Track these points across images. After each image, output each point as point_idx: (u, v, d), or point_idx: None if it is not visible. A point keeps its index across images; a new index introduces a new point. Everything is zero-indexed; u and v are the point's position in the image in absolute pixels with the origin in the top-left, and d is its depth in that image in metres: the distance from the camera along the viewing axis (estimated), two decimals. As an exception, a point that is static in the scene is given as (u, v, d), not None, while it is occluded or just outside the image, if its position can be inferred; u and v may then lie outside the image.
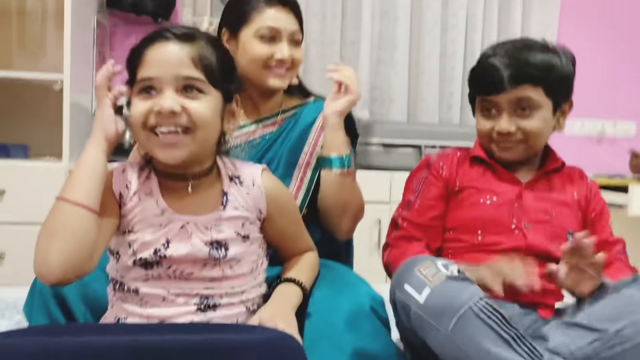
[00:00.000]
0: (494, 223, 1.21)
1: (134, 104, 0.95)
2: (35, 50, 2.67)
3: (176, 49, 0.94)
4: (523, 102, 1.20)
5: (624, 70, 3.15)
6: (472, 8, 2.93)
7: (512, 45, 1.25)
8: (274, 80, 1.33)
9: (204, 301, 0.97)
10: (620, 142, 3.13)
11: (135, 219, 0.98)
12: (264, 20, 1.32)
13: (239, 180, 1.04)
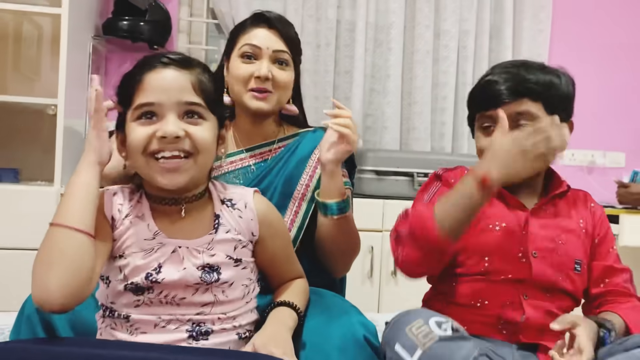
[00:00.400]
0: (502, 251, 1.17)
1: (133, 129, 0.95)
2: (30, 75, 2.68)
3: (177, 75, 0.95)
4: (523, 116, 1.16)
5: (614, 102, 3.19)
6: (463, 40, 2.98)
7: (510, 64, 1.24)
8: (254, 101, 1.31)
9: (195, 328, 0.96)
10: (610, 172, 3.16)
11: (126, 243, 0.97)
12: (248, 38, 1.33)
13: (230, 203, 1.04)
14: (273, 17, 1.36)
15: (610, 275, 1.23)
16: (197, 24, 2.95)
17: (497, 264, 1.17)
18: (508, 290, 1.15)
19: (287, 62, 1.35)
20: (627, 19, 3.20)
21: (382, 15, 2.94)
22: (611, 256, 1.25)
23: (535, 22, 3.03)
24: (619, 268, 1.24)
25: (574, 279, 1.20)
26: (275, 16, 1.37)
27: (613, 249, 1.26)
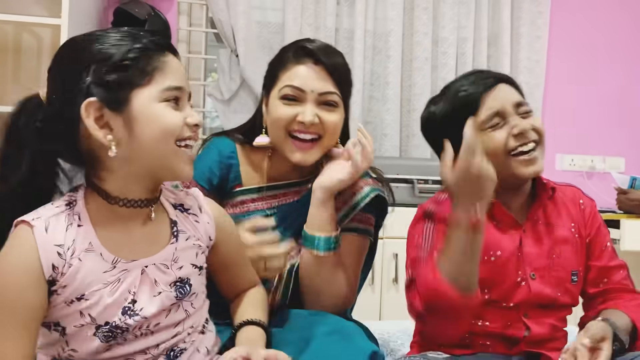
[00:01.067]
0: (501, 280, 1.14)
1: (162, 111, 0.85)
2: (30, 86, 2.68)
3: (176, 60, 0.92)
4: (522, 104, 1.16)
5: (613, 107, 3.20)
6: (461, 47, 2.99)
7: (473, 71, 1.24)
8: (296, 154, 1.17)
9: (170, 354, 0.90)
10: (610, 177, 3.16)
11: (83, 283, 0.82)
12: (289, 78, 1.18)
13: (183, 208, 0.97)
14: (317, 48, 1.19)
15: (607, 275, 1.21)
16: (197, 34, 2.96)
17: (496, 295, 1.14)
18: (509, 313, 1.14)
19: (336, 103, 1.20)
20: (625, 25, 3.21)
21: (381, 23, 2.95)
22: (606, 254, 1.22)
23: (533, 29, 3.05)
24: (615, 265, 1.22)
25: (571, 291, 1.19)
26: (320, 47, 1.20)
27: (607, 246, 1.22)
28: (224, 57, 2.83)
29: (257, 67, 2.79)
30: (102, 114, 0.82)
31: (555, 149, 3.15)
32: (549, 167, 3.13)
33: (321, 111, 1.17)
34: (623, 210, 2.69)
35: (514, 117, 1.14)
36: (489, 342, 1.13)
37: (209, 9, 2.84)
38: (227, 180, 1.27)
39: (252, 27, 2.81)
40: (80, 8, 2.41)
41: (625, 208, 2.68)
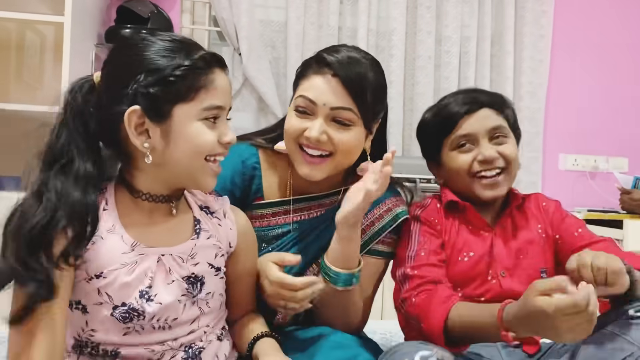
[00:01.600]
0: (472, 278, 1.19)
1: (199, 130, 0.89)
2: (33, 84, 2.69)
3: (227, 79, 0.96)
4: (497, 130, 1.22)
5: (616, 107, 3.19)
6: (465, 45, 2.98)
7: (456, 91, 1.31)
8: (303, 167, 1.10)
9: (189, 351, 0.93)
10: (613, 177, 3.15)
11: (102, 261, 0.86)
12: (304, 88, 1.10)
13: (209, 211, 1.01)
14: (338, 61, 1.09)
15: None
16: (199, 32, 2.96)
17: (470, 291, 1.18)
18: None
19: (351, 121, 1.09)
20: (628, 25, 3.20)
21: (384, 21, 2.95)
22: (580, 238, 1.22)
23: (536, 28, 3.04)
24: (597, 241, 1.20)
25: None
26: (343, 60, 1.09)
27: (579, 232, 1.23)
28: (226, 56, 2.83)
29: (259, 66, 2.79)
30: (143, 121, 0.87)
31: (558, 148, 3.14)
32: (552, 167, 3.13)
33: (332, 128, 1.09)
34: (626, 211, 2.68)
35: (484, 142, 1.21)
36: None
37: (212, 7, 2.84)
38: (249, 192, 1.20)
39: (255, 25, 2.80)
40: (83, 6, 2.41)
41: (629, 208, 2.67)
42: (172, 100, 0.86)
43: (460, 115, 1.23)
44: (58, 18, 2.25)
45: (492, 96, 1.27)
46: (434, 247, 1.19)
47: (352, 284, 1.09)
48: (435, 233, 1.22)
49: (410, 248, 1.19)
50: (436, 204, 1.27)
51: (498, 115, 1.24)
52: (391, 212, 1.21)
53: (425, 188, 2.55)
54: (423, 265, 1.16)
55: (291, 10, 2.81)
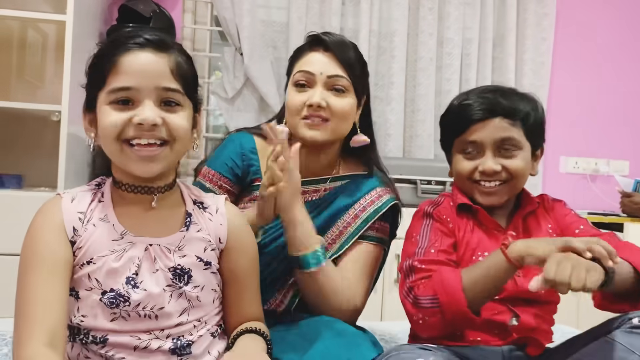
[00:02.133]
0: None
1: (106, 113, 0.90)
2: (34, 82, 2.69)
3: (154, 59, 0.90)
4: (506, 142, 1.19)
5: (617, 109, 3.19)
6: (466, 47, 2.98)
7: (485, 89, 1.25)
8: (307, 130, 1.20)
9: (177, 342, 0.93)
10: (614, 181, 3.15)
11: (93, 247, 0.91)
12: (300, 65, 1.23)
13: (202, 206, 1.02)
14: (330, 39, 1.24)
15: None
16: (201, 32, 2.96)
17: None
18: (496, 305, 1.16)
19: (345, 88, 1.23)
20: (631, 27, 3.20)
21: (386, 23, 2.95)
22: (581, 234, 1.19)
23: (538, 30, 3.04)
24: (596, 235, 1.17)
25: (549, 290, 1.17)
26: (333, 39, 1.25)
27: (580, 229, 1.21)
28: (228, 56, 2.83)
29: (261, 66, 2.79)
30: (88, 114, 0.96)
31: (559, 151, 3.14)
32: (552, 169, 3.13)
33: (330, 95, 1.21)
34: (627, 214, 2.68)
35: (489, 154, 1.19)
36: (479, 337, 1.14)
37: (214, 7, 2.84)
38: (248, 173, 1.28)
39: (257, 25, 2.80)
40: (85, 4, 2.41)
41: (629, 211, 2.67)
42: (93, 90, 0.93)
43: (472, 122, 1.20)
44: (60, 16, 2.25)
45: (514, 102, 1.20)
46: (444, 247, 1.17)
47: (320, 262, 1.14)
48: (447, 232, 1.20)
49: (420, 245, 1.18)
50: (449, 202, 1.26)
51: (512, 126, 1.19)
52: (381, 198, 1.29)
53: (426, 189, 2.55)
54: (432, 261, 1.15)
55: (293, 11, 2.81)
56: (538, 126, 1.23)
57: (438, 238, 1.18)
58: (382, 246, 1.29)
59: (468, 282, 1.07)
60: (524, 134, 1.20)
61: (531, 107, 1.22)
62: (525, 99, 1.23)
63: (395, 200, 1.30)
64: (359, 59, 1.27)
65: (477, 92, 1.23)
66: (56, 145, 2.22)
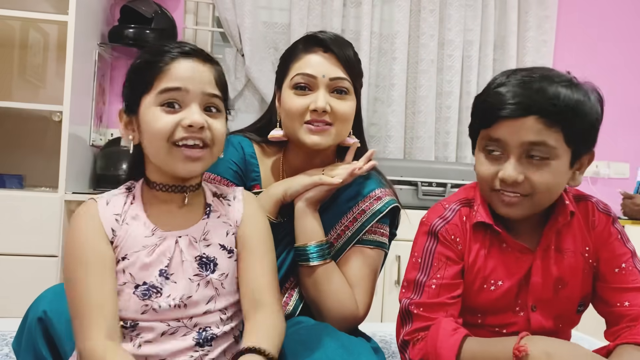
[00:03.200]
0: (497, 308, 1.06)
1: (156, 116, 0.95)
2: (36, 82, 2.69)
3: (202, 67, 0.98)
4: (536, 148, 0.97)
5: (618, 112, 3.19)
6: (467, 49, 2.98)
7: (529, 74, 1.00)
8: (310, 136, 1.17)
9: (202, 333, 0.97)
10: (614, 183, 3.15)
11: (127, 245, 0.97)
12: (299, 67, 1.19)
13: (221, 196, 1.08)
14: (328, 38, 1.20)
15: (625, 298, 1.04)
16: (203, 33, 2.96)
17: (491, 320, 1.08)
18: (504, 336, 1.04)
19: (347, 90, 1.20)
20: (632, 30, 3.20)
21: (387, 24, 2.95)
22: (620, 276, 1.05)
23: (539, 33, 3.04)
24: (635, 287, 1.03)
25: (573, 321, 1.12)
26: (330, 37, 1.20)
27: (622, 267, 1.05)
28: (229, 57, 2.83)
29: (262, 67, 2.80)
30: (127, 118, 1.01)
31: (560, 153, 3.13)
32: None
33: (333, 99, 1.18)
34: (628, 216, 2.68)
35: (512, 159, 0.99)
36: None
37: (216, 8, 2.84)
38: (247, 179, 1.28)
39: (258, 27, 2.81)
40: (87, 5, 2.42)
41: (631, 213, 2.67)
42: (137, 93, 0.98)
43: (500, 117, 0.98)
44: (62, 17, 2.26)
45: (556, 97, 0.96)
46: (447, 279, 1.04)
47: (325, 256, 1.16)
48: (453, 257, 1.06)
49: (422, 272, 1.06)
50: (462, 217, 1.08)
51: (548, 129, 0.96)
52: (380, 201, 1.25)
53: (427, 191, 2.55)
54: (431, 304, 1.04)
55: (294, 12, 2.82)
56: (588, 129, 1.00)
57: (442, 267, 1.05)
58: (382, 249, 1.26)
59: (467, 356, 0.96)
60: (564, 139, 0.97)
61: (585, 104, 0.98)
62: (580, 93, 0.99)
63: (394, 202, 1.27)
64: (355, 56, 1.25)
65: (518, 77, 0.99)
66: (57, 145, 2.22)
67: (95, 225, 0.97)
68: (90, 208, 0.99)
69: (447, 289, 1.05)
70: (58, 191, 2.20)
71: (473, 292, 1.07)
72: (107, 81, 2.78)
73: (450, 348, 0.96)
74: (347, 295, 1.17)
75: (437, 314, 1.03)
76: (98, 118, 2.64)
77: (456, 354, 0.96)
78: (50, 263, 2.15)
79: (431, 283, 1.05)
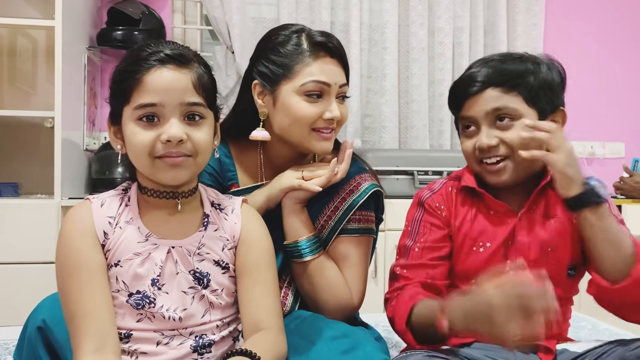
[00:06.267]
0: (488, 270, 1.07)
1: (135, 131, 0.92)
2: (27, 89, 2.68)
3: (177, 76, 0.93)
4: (500, 112, 1.09)
5: (611, 92, 3.19)
6: (458, 36, 2.98)
7: (490, 57, 1.16)
8: (322, 144, 1.18)
9: (199, 341, 0.95)
10: (610, 163, 3.16)
11: (120, 249, 0.95)
12: (312, 73, 1.15)
13: (219, 207, 1.05)
14: (333, 45, 1.19)
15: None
16: (191, 31, 2.95)
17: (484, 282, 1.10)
18: None
19: (346, 94, 1.23)
20: (621, 9, 3.20)
21: (376, 15, 2.94)
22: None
23: (529, 16, 3.03)
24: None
25: (566, 286, 1.13)
26: (334, 43, 1.20)
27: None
28: (219, 54, 2.82)
29: (253, 63, 2.78)
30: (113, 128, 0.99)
31: (554, 136, 3.13)
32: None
33: (339, 105, 1.19)
34: (625, 195, 2.68)
35: (484, 128, 1.11)
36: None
37: (204, 6, 2.83)
38: (224, 178, 1.25)
39: (247, 23, 2.80)
40: (73, 9, 2.40)
41: (630, 190, 2.67)
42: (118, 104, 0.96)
43: (465, 97, 1.12)
44: (49, 22, 2.24)
45: (507, 68, 1.11)
46: (430, 242, 1.14)
47: (316, 250, 1.16)
48: (438, 223, 1.15)
49: (410, 237, 1.17)
50: (448, 187, 1.19)
51: (506, 94, 1.09)
52: (360, 187, 1.23)
53: (423, 180, 2.55)
54: (413, 265, 1.13)
55: (283, 7, 2.80)
56: (545, 88, 1.11)
57: (426, 232, 1.15)
58: (369, 235, 1.25)
59: (415, 320, 1.02)
60: (524, 100, 1.09)
61: (531, 68, 1.11)
62: (527, 61, 1.12)
63: (375, 186, 1.23)
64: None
65: (480, 62, 1.15)
66: (51, 151, 2.21)
67: (85, 228, 0.94)
68: (83, 209, 0.97)
69: (430, 250, 1.13)
70: (54, 197, 2.20)
71: (462, 255, 1.13)
72: (98, 84, 2.76)
73: (402, 314, 1.04)
74: (341, 286, 1.18)
75: (418, 274, 1.12)
76: (91, 122, 2.63)
77: (406, 320, 1.04)
78: (50, 269, 2.09)
79: (415, 246, 1.15)
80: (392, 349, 1.34)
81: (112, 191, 1.01)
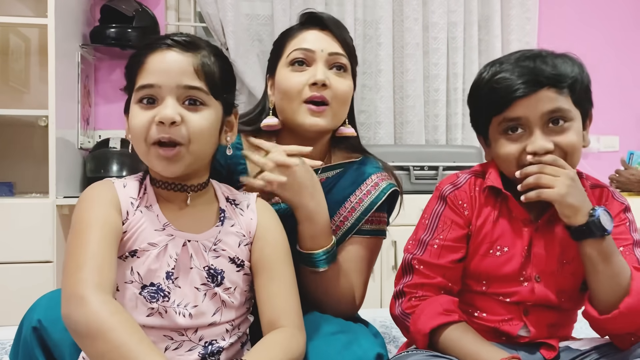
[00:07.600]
0: (502, 276, 1.08)
1: (134, 113, 0.93)
2: (20, 88, 2.66)
3: (178, 57, 0.92)
4: (555, 115, 1.03)
5: (605, 86, 3.19)
6: (452, 31, 2.98)
7: (522, 56, 1.08)
8: (309, 117, 1.12)
9: (208, 348, 0.93)
10: (605, 157, 3.17)
11: (137, 236, 0.92)
12: (297, 43, 1.15)
13: (234, 203, 1.04)
14: (326, 17, 1.17)
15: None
16: (185, 28, 2.94)
17: (495, 288, 1.09)
18: (508, 307, 1.09)
19: (345, 67, 1.16)
20: (614, 3, 3.21)
21: (370, 10, 2.94)
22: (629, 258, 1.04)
23: (522, 10, 3.03)
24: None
25: (578, 299, 1.12)
26: (328, 17, 1.18)
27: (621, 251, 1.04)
28: (214, 51, 2.81)
29: (248, 60, 2.78)
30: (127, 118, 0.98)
31: (549, 130, 3.14)
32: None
33: (332, 75, 1.14)
34: (620, 189, 2.69)
35: (537, 131, 1.03)
36: (485, 335, 1.08)
37: (197, 3, 2.82)
38: (235, 172, 1.22)
39: (241, 19, 2.79)
40: (66, 7, 2.39)
41: (626, 183, 2.67)
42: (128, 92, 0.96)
43: (514, 98, 1.03)
44: (41, 20, 2.23)
45: (559, 67, 1.05)
46: (450, 241, 1.09)
47: (330, 262, 1.11)
48: (459, 222, 1.10)
49: (428, 231, 1.11)
50: (473, 183, 1.13)
51: (560, 95, 1.03)
52: (378, 187, 1.21)
53: (419, 175, 2.55)
54: (432, 265, 1.08)
55: (277, 3, 2.79)
56: (586, 90, 1.08)
57: (446, 228, 1.09)
58: (380, 237, 1.24)
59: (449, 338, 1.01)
60: (573, 102, 1.05)
61: (578, 69, 1.08)
62: (570, 61, 1.08)
63: (393, 186, 1.22)
64: (352, 42, 1.21)
65: (512, 62, 1.07)
66: (45, 150, 2.20)
67: (109, 197, 0.93)
68: (107, 184, 0.96)
69: (449, 250, 1.09)
70: (49, 196, 2.19)
71: (478, 256, 1.09)
72: (92, 83, 2.75)
73: (430, 321, 1.02)
74: (349, 296, 1.16)
75: (437, 276, 1.08)
76: (85, 120, 2.61)
77: (433, 328, 1.01)
78: (45, 269, 2.13)
79: (434, 242, 1.10)
80: (388, 344, 1.34)
81: (132, 176, 1.00)
